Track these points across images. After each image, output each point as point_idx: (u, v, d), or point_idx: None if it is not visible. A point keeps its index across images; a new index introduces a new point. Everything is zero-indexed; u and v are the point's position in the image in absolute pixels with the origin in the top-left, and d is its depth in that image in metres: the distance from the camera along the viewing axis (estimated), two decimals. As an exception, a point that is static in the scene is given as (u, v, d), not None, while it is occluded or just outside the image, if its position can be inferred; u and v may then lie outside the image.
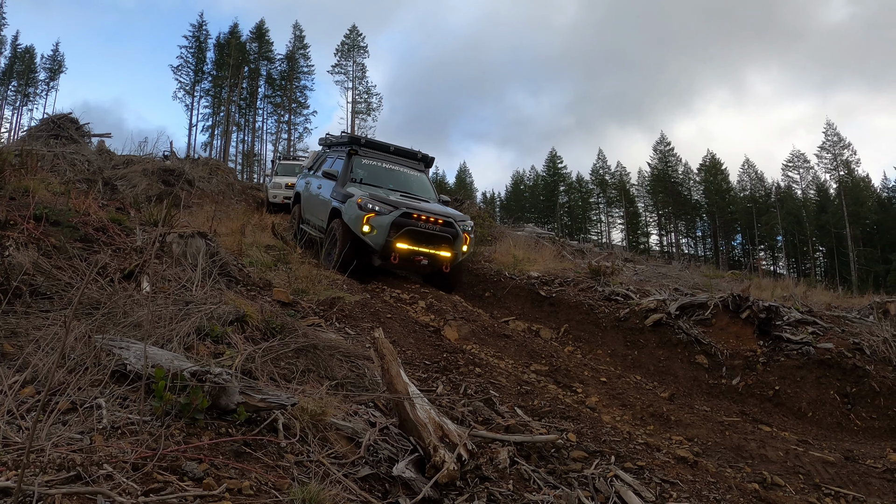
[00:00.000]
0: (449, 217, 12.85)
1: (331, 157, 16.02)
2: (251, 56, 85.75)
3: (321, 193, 14.61)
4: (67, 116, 24.82)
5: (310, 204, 15.62)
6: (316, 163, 17.15)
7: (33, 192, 7.95)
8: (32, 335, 4.36)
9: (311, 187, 15.83)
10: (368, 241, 12.06)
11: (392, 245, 12.04)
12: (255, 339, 5.68)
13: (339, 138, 16.47)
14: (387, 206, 12.27)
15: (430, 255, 12.42)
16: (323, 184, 14.67)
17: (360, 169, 14.30)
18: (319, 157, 17.19)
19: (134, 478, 2.83)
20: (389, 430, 4.48)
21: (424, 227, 12.35)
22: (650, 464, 5.35)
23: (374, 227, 12.02)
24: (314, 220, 14.94)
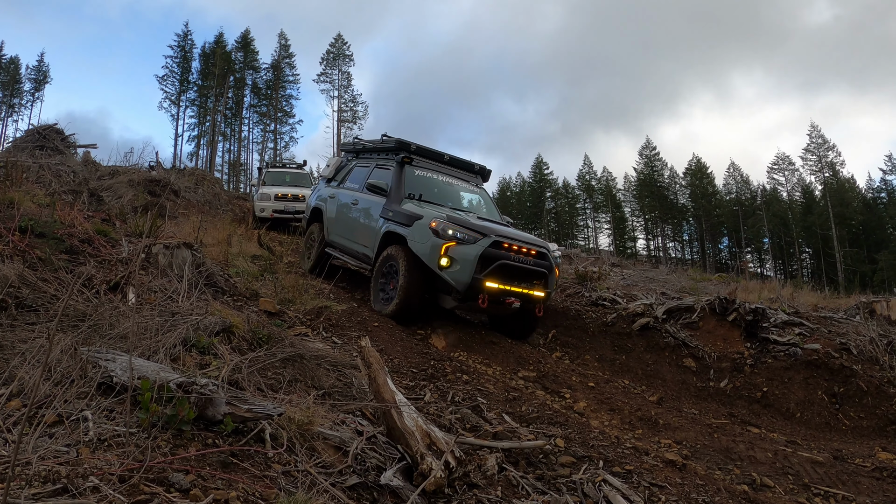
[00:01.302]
0: (542, 247, 10.39)
1: (361, 165, 13.30)
2: (237, 65, 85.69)
3: (363, 212, 11.86)
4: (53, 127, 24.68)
5: (342, 225, 12.64)
6: (339, 172, 14.28)
7: (18, 204, 7.92)
8: (18, 348, 4.35)
9: (339, 203, 12.95)
10: (448, 277, 9.43)
11: (481, 284, 9.38)
12: (242, 349, 5.67)
13: (377, 143, 13.20)
14: (472, 232, 9.67)
15: (524, 295, 9.87)
16: (362, 199, 12.02)
17: (412, 182, 11.59)
18: (343, 167, 14.29)
19: (120, 490, 2.82)
20: (377, 438, 4.48)
21: (518, 259, 9.83)
22: (638, 468, 5.36)
23: (455, 260, 9.45)
24: (351, 246, 12.03)
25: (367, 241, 11.34)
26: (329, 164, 14.94)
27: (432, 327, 9.75)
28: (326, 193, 13.88)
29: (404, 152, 12.08)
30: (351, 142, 14.81)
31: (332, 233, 12.96)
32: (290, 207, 22.97)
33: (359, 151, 14.06)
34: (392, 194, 11.16)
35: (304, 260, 13.98)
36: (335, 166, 14.54)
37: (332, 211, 13.20)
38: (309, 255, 13.86)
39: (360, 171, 13.16)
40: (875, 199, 78.43)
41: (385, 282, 10.32)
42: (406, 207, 10.57)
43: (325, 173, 14.81)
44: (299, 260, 14.21)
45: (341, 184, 13.66)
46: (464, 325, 10.20)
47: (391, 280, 10.17)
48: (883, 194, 78.22)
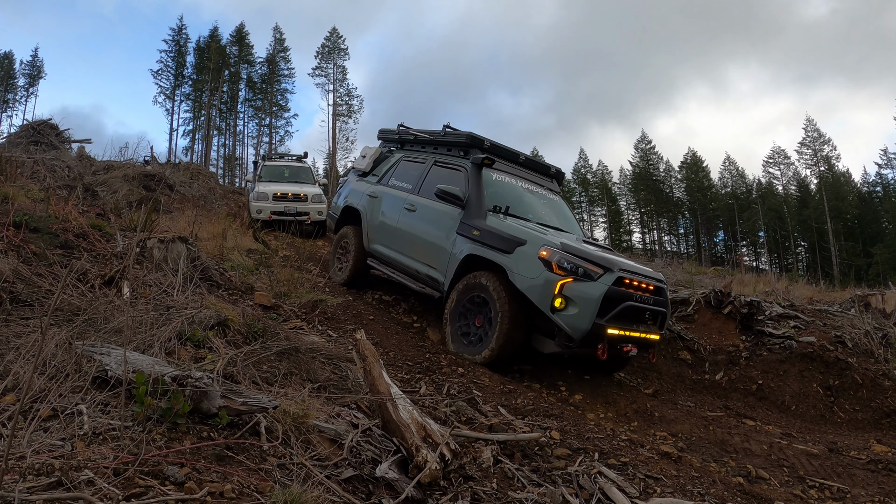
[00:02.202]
0: (660, 281, 8.67)
1: (410, 160, 11.28)
2: (231, 59, 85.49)
3: (427, 223, 9.81)
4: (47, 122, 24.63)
5: (391, 234, 10.58)
6: (378, 166, 12.13)
7: (13, 199, 7.91)
8: (13, 342, 4.34)
9: (387, 205, 10.92)
10: (562, 322, 7.51)
11: (603, 331, 7.53)
12: (237, 342, 5.66)
13: (435, 134, 11.03)
14: (592, 266, 7.79)
15: (641, 340, 8.09)
16: (424, 207, 9.99)
17: (490, 190, 9.62)
18: (383, 159, 12.19)
19: (115, 483, 2.82)
20: (372, 431, 4.48)
21: (641, 299, 8.14)
22: (634, 460, 5.37)
23: (573, 300, 7.56)
24: (406, 262, 10.02)
25: (432, 259, 9.43)
26: (365, 155, 12.56)
27: (427, 320, 9.75)
28: (365, 191, 11.71)
29: (477, 150, 10.14)
30: (395, 129, 12.32)
31: (376, 241, 10.96)
32: (291, 209, 20.28)
33: (405, 142, 11.94)
34: (472, 206, 9.11)
35: (333, 269, 12.21)
36: (372, 157, 12.28)
37: (375, 214, 11.13)
38: (341, 265, 12.00)
39: (410, 167, 11.14)
40: (870, 192, 78.55)
41: (467, 318, 8.47)
42: (497, 225, 8.56)
43: (360, 165, 12.46)
44: (330, 268, 12.41)
45: (382, 180, 11.61)
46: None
47: (477, 316, 8.33)
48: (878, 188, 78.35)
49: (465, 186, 9.45)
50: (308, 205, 20.65)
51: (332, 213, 13.10)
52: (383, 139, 12.85)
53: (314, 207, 20.72)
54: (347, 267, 11.69)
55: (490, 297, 8.11)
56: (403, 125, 12.18)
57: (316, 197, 21.04)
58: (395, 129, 12.34)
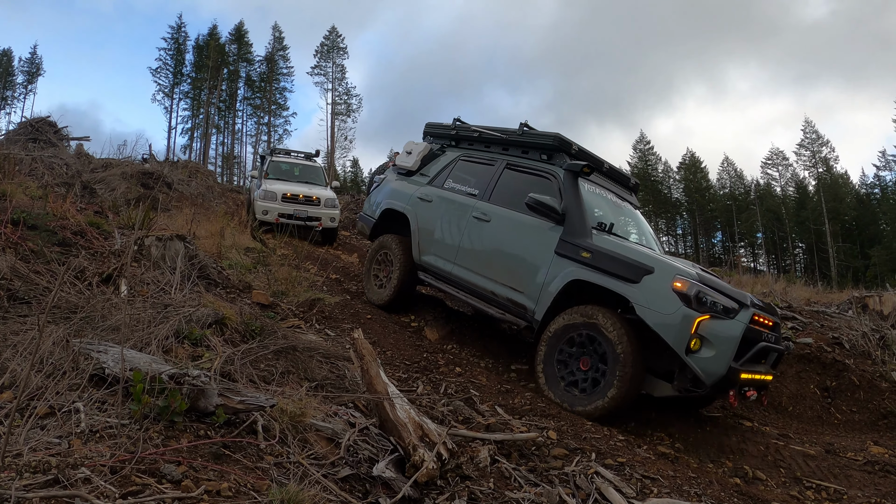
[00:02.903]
0: (777, 316, 7.69)
1: (471, 160, 9.93)
2: (230, 58, 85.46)
3: (510, 238, 8.39)
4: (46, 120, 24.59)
5: (456, 246, 9.09)
6: (427, 165, 10.70)
7: (11, 196, 7.91)
8: (10, 340, 4.34)
9: (447, 212, 9.52)
10: (696, 366, 6.47)
11: (737, 376, 6.60)
12: (235, 341, 5.66)
13: (508, 134, 9.49)
14: (729, 300, 6.81)
15: (758, 382, 7.12)
16: (505, 218, 8.53)
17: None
18: (433, 157, 10.74)
19: (112, 481, 2.82)
20: (369, 430, 4.48)
21: (769, 338, 7.21)
22: (631, 460, 5.37)
23: (709, 341, 6.54)
24: (481, 283, 8.51)
25: (516, 280, 8.04)
26: (410, 151, 11.00)
27: (425, 319, 9.75)
28: (414, 192, 10.28)
29: (565, 155, 8.67)
30: (448, 125, 10.77)
31: (430, 253, 9.52)
32: (301, 212, 18.41)
33: (462, 139, 10.40)
34: (573, 221, 7.78)
35: (369, 285, 10.68)
36: (420, 154, 10.80)
37: (429, 221, 9.71)
38: (380, 281, 10.45)
39: (472, 169, 9.79)
40: (868, 194, 78.59)
41: (572, 359, 7.15)
42: (615, 248, 7.28)
43: (405, 162, 10.91)
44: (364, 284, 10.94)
45: (435, 181, 10.19)
46: (457, 317, 10.18)
47: (582, 357, 7.06)
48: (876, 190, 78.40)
49: (558, 197, 8.06)
50: (320, 209, 18.82)
51: (366, 215, 11.34)
52: (432, 135, 11.16)
53: (327, 213, 18.94)
54: (390, 283, 10.07)
55: (605, 334, 6.83)
56: (460, 120, 10.68)
57: (329, 201, 19.19)
58: (448, 125, 10.77)
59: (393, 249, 10.24)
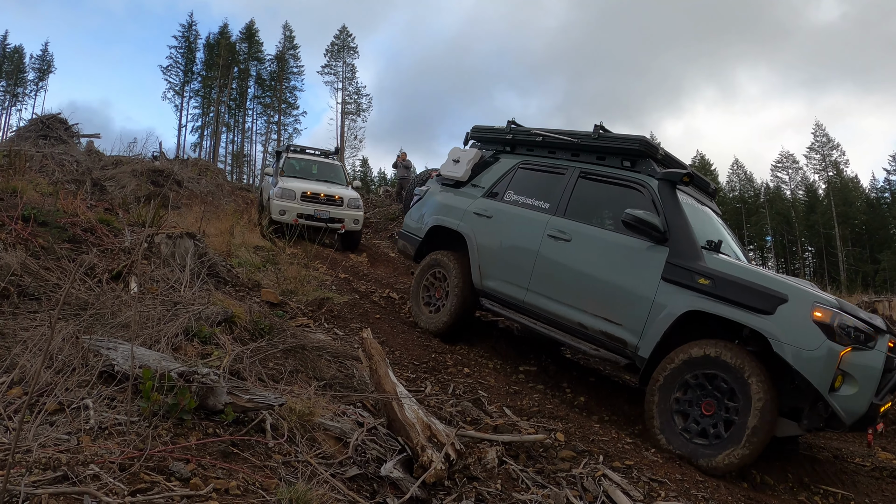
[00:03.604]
0: None
1: (537, 168, 8.71)
2: (241, 56, 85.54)
3: (595, 258, 7.35)
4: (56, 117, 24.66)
5: (529, 269, 7.94)
6: (480, 174, 9.48)
7: (21, 193, 7.93)
8: (20, 336, 4.36)
9: (511, 228, 8.40)
10: (837, 405, 5.73)
11: (877, 412, 5.98)
12: (244, 339, 5.67)
13: (580, 138, 8.26)
14: (869, 327, 6.00)
15: (887, 411, 6.40)
16: (586, 235, 7.52)
17: None
18: (487, 165, 9.50)
19: (121, 478, 2.83)
20: (377, 430, 4.48)
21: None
22: (639, 463, 5.36)
23: (852, 376, 5.80)
24: (565, 313, 7.43)
25: (612, 311, 7.01)
26: (457, 159, 9.75)
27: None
28: (468, 207, 9.14)
29: (652, 161, 7.60)
30: (501, 128, 9.54)
31: (495, 276, 8.40)
32: (322, 213, 16.96)
33: (519, 144, 9.22)
34: (679, 240, 6.83)
35: (418, 310, 9.47)
36: (470, 163, 9.56)
37: (491, 240, 8.61)
38: (434, 306, 9.32)
39: (536, 178, 8.67)
40: (878, 198, 78.27)
41: (691, 404, 6.25)
42: (739, 272, 6.38)
43: (452, 172, 9.72)
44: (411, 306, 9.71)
45: (492, 193, 9.07)
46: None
47: (705, 401, 6.16)
48: (886, 194, 78.07)
49: (654, 211, 7.04)
50: (343, 210, 17.32)
51: (409, 233, 10.15)
52: (481, 140, 9.95)
53: (350, 214, 17.41)
54: (447, 308, 8.91)
55: (734, 374, 5.93)
56: (515, 122, 9.37)
57: (353, 201, 17.65)
58: (500, 128, 9.53)
59: (448, 269, 9.07)
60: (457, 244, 9.16)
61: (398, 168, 28.35)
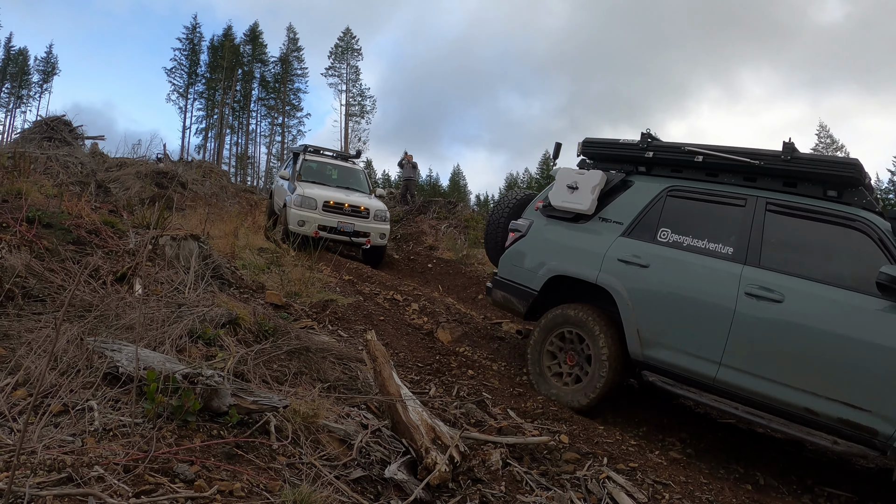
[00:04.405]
0: None
1: (688, 195, 6.99)
2: (245, 58, 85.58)
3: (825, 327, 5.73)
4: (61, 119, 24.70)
5: (723, 339, 6.20)
6: (613, 204, 7.51)
7: (26, 195, 7.94)
8: (24, 337, 4.36)
9: (685, 282, 6.59)
10: None
11: None
12: (248, 341, 5.67)
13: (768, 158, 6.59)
14: None
15: None
16: (808, 296, 5.89)
17: None
18: (617, 192, 7.57)
19: (125, 479, 2.83)
20: (382, 432, 4.49)
21: None
22: (643, 465, 5.37)
23: None
24: (783, 396, 5.89)
25: (859, 395, 5.52)
26: (574, 185, 7.69)
27: (438, 322, 9.75)
28: (610, 252, 7.17)
29: (863, 189, 6.21)
30: (630, 142, 7.67)
31: (665, 345, 6.62)
32: (347, 225, 15.31)
33: (659, 164, 7.45)
34: None
35: (543, 376, 7.50)
36: (597, 189, 7.56)
37: (654, 296, 6.78)
38: (568, 375, 7.39)
39: (696, 210, 6.93)
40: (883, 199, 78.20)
41: None
42: None
43: (570, 202, 7.70)
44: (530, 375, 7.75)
45: (637, 231, 7.19)
46: (469, 320, 10.18)
47: None
48: (891, 195, 77.99)
49: (889, 261, 5.63)
50: (369, 223, 15.70)
51: (513, 281, 8.14)
52: (599, 157, 8.07)
53: (377, 228, 15.80)
54: (591, 383, 7.00)
55: None
56: (652, 135, 7.60)
57: (380, 213, 16.10)
58: (631, 142, 7.65)
59: (590, 331, 7.13)
60: (589, 294, 7.43)
61: (404, 168, 28.13)
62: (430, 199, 27.39)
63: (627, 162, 7.68)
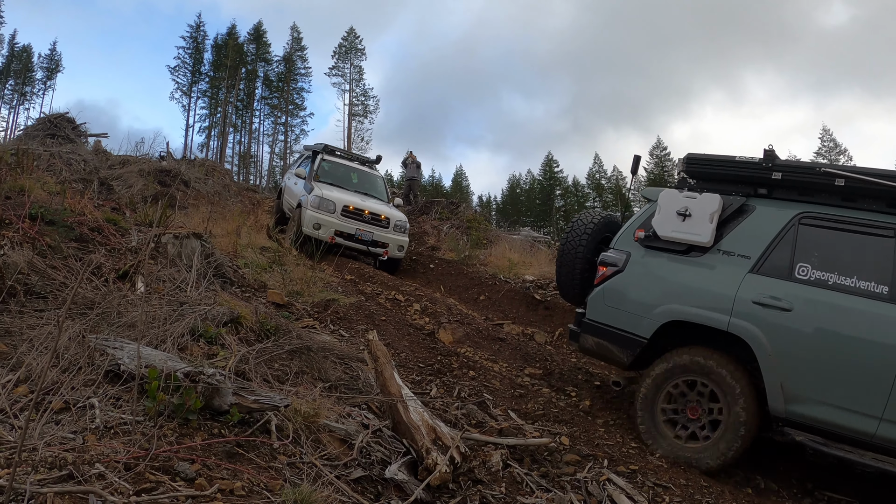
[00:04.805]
0: None
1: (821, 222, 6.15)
2: (249, 57, 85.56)
3: None
4: (64, 116, 24.70)
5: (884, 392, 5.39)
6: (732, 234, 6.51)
7: (29, 192, 7.94)
8: (26, 334, 4.36)
9: (833, 327, 5.76)
10: None
11: None
12: (250, 340, 5.67)
13: None
14: None
15: None
16: None
17: None
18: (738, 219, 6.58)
19: (126, 477, 2.84)
20: (382, 432, 4.49)
21: None
22: (643, 468, 5.37)
23: None
24: None
25: None
26: (685, 210, 6.66)
27: (439, 322, 9.75)
28: (742, 293, 6.15)
29: None
30: (753, 160, 6.62)
31: (814, 399, 5.76)
32: (365, 233, 14.42)
33: (784, 186, 6.48)
34: None
35: (654, 428, 6.35)
36: (715, 216, 6.54)
37: (801, 345, 5.88)
38: (691, 429, 6.27)
39: (836, 241, 6.07)
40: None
41: None
42: None
43: (683, 232, 6.65)
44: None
45: (767, 266, 6.22)
46: (471, 321, 10.18)
47: None
48: (894, 200, 77.95)
49: None
50: (388, 233, 14.83)
51: (611, 326, 6.93)
52: (706, 177, 7.03)
53: (396, 239, 14.95)
54: (726, 440, 5.95)
55: None
56: (773, 153, 6.59)
57: (400, 224, 15.26)
58: (751, 161, 6.64)
59: (722, 383, 6.10)
60: (706, 337, 6.43)
61: (408, 168, 28.05)
62: (432, 200, 27.39)
63: (744, 183, 6.69)
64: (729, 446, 5.87)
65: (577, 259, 7.68)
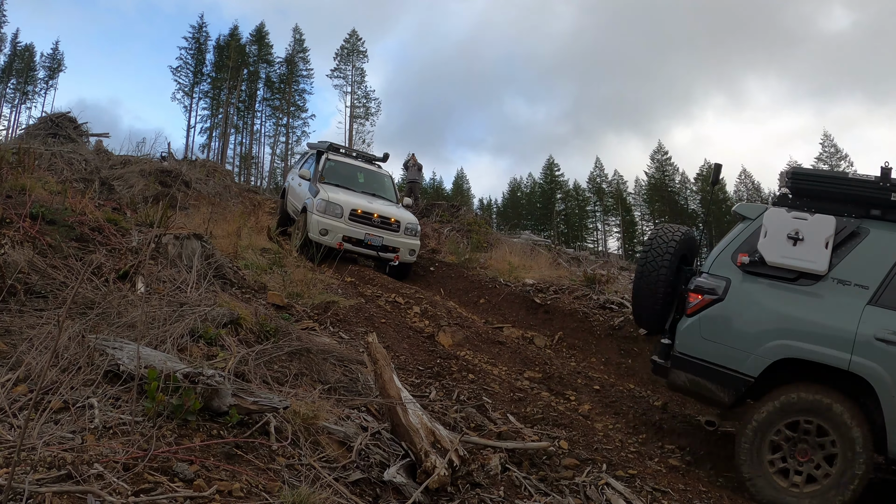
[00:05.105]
0: None
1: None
2: (251, 59, 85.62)
3: None
4: (66, 115, 24.72)
5: None
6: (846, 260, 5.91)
7: (30, 191, 7.94)
8: (26, 334, 4.36)
9: None
10: None
11: None
12: (249, 341, 5.67)
13: None
14: None
15: None
16: None
17: None
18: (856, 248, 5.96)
19: (124, 478, 2.83)
20: (381, 434, 4.49)
21: None
22: (642, 472, 5.36)
23: None
24: None
25: None
26: (797, 234, 6.08)
27: (439, 325, 9.75)
28: (862, 327, 5.62)
29: None
30: (868, 178, 6.19)
31: None
32: (374, 238, 13.64)
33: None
34: None
35: (758, 471, 5.75)
36: (829, 240, 5.97)
37: None
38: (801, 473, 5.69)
39: None
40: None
41: None
42: None
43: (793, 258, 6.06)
44: None
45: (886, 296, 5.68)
46: (471, 324, 10.18)
47: None
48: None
49: None
50: (399, 237, 14.09)
51: (706, 361, 6.27)
52: (819, 194, 6.35)
53: (407, 243, 14.23)
54: (842, 486, 5.46)
55: None
56: (889, 174, 6.03)
57: (411, 227, 14.49)
58: (866, 179, 6.20)
59: (840, 423, 5.56)
60: (814, 374, 5.91)
61: (409, 170, 27.99)
62: (433, 203, 27.46)
63: (856, 203, 6.12)
64: (846, 491, 5.43)
65: (660, 282, 6.89)
